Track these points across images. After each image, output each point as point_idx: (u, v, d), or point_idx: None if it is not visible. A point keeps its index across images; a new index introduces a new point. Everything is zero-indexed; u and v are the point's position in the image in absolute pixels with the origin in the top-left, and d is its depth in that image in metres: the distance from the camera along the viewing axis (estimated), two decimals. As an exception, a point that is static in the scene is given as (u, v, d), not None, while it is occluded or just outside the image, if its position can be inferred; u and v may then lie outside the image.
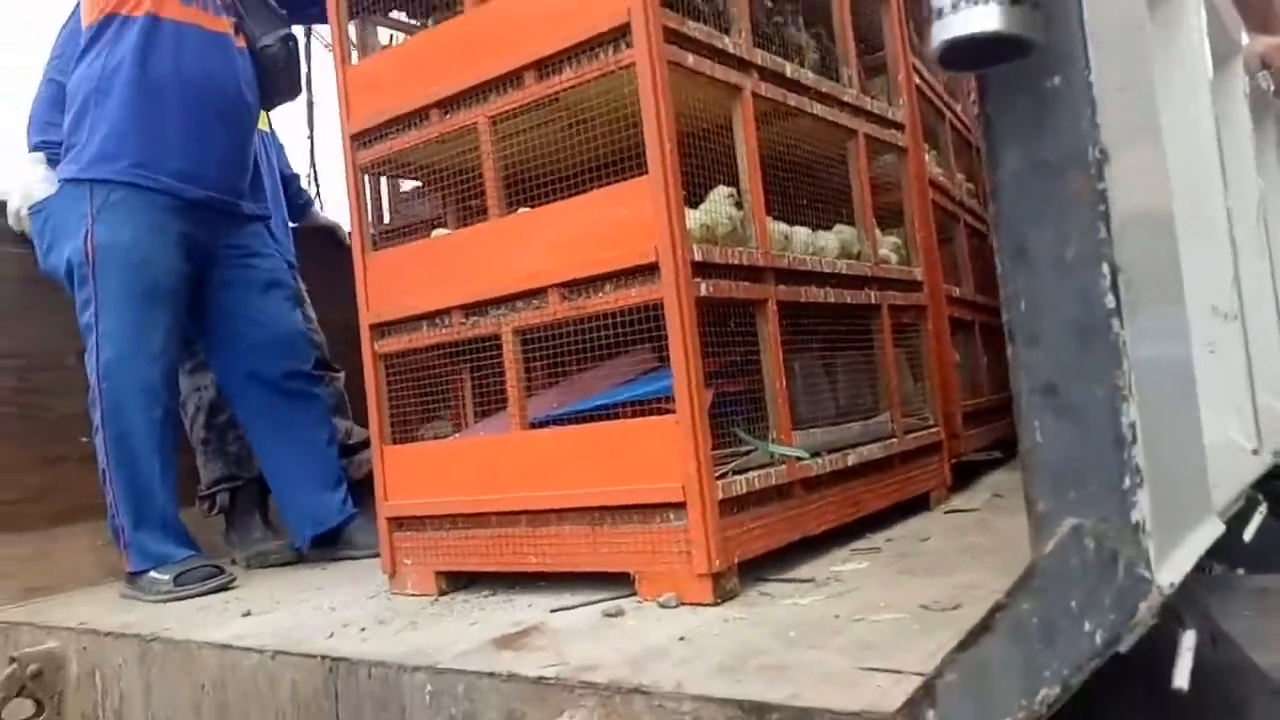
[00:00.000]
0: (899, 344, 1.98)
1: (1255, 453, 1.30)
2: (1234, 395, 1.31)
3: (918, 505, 1.92)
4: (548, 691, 1.09)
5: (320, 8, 2.34)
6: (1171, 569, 0.74)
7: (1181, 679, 0.81)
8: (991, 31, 0.70)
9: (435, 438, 1.94)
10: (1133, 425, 0.73)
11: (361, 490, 2.35)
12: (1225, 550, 1.80)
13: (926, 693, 0.82)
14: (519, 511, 1.56)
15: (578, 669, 1.10)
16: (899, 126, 2.08)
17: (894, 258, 2.03)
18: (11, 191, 2.26)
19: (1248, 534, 1.39)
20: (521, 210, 1.62)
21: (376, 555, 2.14)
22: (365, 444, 2.46)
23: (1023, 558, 1.16)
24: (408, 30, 2.21)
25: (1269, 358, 1.61)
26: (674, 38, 1.44)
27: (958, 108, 2.83)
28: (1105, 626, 0.74)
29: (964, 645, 0.80)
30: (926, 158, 2.31)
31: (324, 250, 2.86)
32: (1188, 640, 0.82)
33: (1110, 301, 0.74)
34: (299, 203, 2.86)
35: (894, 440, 1.84)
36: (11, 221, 2.25)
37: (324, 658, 1.32)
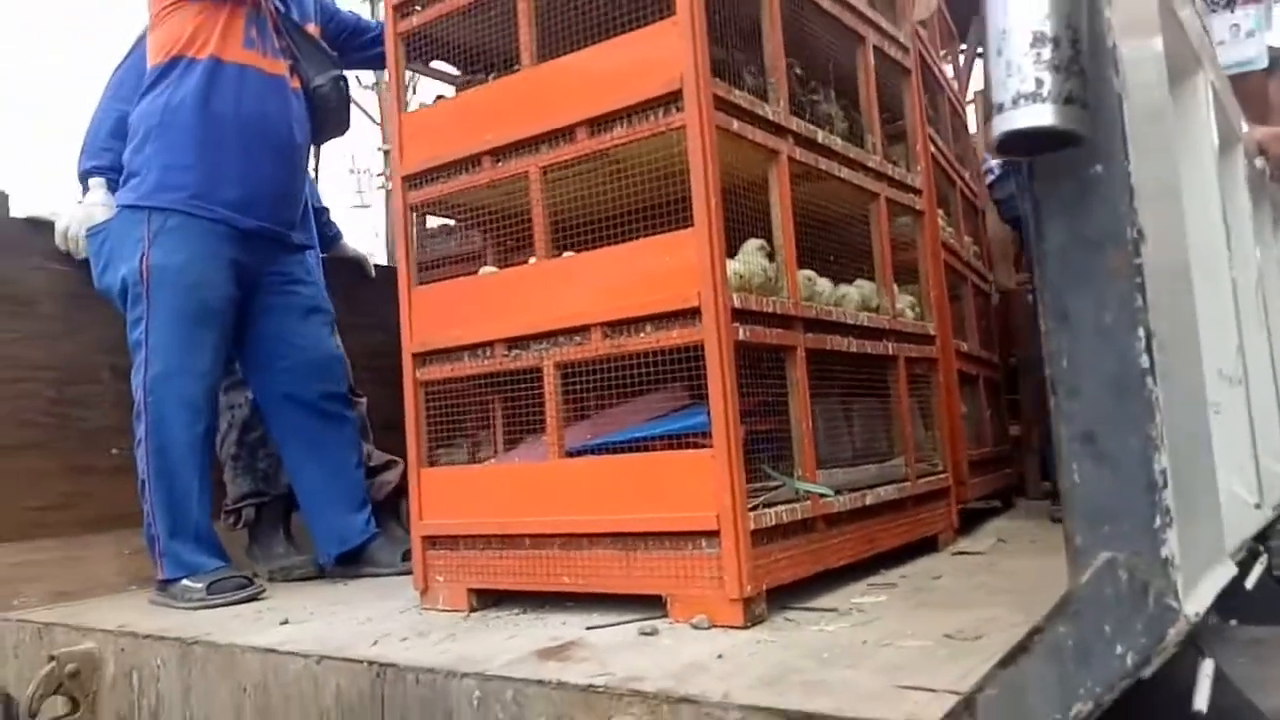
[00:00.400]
0: (911, 394, 2.09)
1: (1258, 506, 1.40)
2: (1237, 453, 1.41)
3: (926, 547, 2.01)
4: (595, 699, 1.16)
5: (365, 56, 2.49)
6: (1195, 600, 0.84)
7: (1201, 703, 0.90)
8: (1046, 126, 0.81)
9: (449, 464, 2.02)
10: (1164, 471, 0.83)
11: (380, 510, 2.42)
12: (1220, 602, 1.91)
13: (966, 706, 0.90)
14: (553, 534, 1.64)
15: (624, 679, 1.17)
16: (917, 191, 2.21)
17: (909, 313, 2.14)
18: (59, 213, 2.35)
19: (1250, 582, 1.49)
20: (567, 254, 1.72)
21: (397, 573, 2.22)
22: (384, 466, 2.54)
23: (1034, 596, 1.25)
24: (448, 80, 2.34)
25: (1268, 420, 1.72)
26: (721, 104, 1.56)
27: (966, 175, 2.98)
28: (1136, 650, 0.82)
29: (1003, 664, 0.88)
30: (940, 221, 2.43)
31: (349, 281, 2.95)
32: (1207, 668, 0.91)
33: (1145, 362, 0.84)
34: (328, 234, 2.95)
35: (907, 483, 1.94)
36: (58, 241, 2.34)
37: (370, 663, 1.39)
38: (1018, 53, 0.83)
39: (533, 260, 1.73)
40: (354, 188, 19.59)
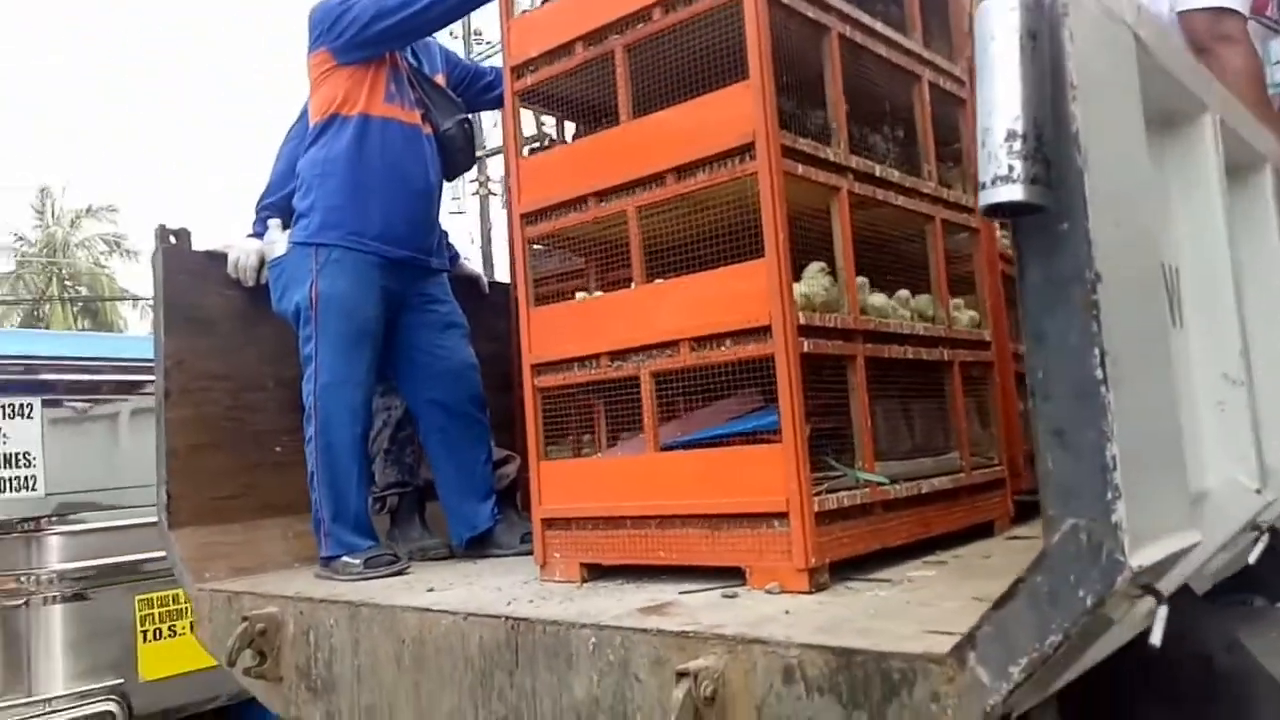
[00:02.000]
0: (970, 394, 2.33)
1: (1258, 492, 1.61)
2: (1240, 445, 1.62)
3: (983, 532, 2.24)
4: (686, 642, 1.47)
5: (484, 99, 2.86)
6: (1141, 556, 1.09)
7: (1156, 639, 1.15)
8: (1016, 200, 1.08)
9: (558, 459, 2.34)
10: (1114, 457, 1.08)
11: (500, 499, 2.79)
12: (1266, 585, 2.11)
13: (968, 640, 1.18)
14: (650, 516, 1.96)
15: (709, 627, 1.48)
16: (971, 210, 2.44)
17: (965, 319, 2.38)
18: (231, 245, 2.79)
19: (1252, 558, 1.70)
20: (658, 281, 2.03)
21: (516, 553, 2.58)
22: (503, 461, 2.90)
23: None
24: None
25: (1274, 414, 1.91)
26: (788, 152, 1.84)
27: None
28: (1093, 593, 1.08)
29: (996, 606, 1.16)
30: (997, 234, 2.65)
31: (466, 296, 3.33)
32: (1161, 612, 1.16)
33: (1099, 374, 1.09)
34: (448, 256, 3.35)
35: (961, 475, 2.18)
36: (230, 270, 2.78)
37: (507, 618, 1.73)
38: (995, 144, 1.10)
39: (631, 286, 2.05)
40: (450, 194, 20.43)
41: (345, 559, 2.39)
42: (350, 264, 2.49)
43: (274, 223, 2.68)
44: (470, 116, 2.79)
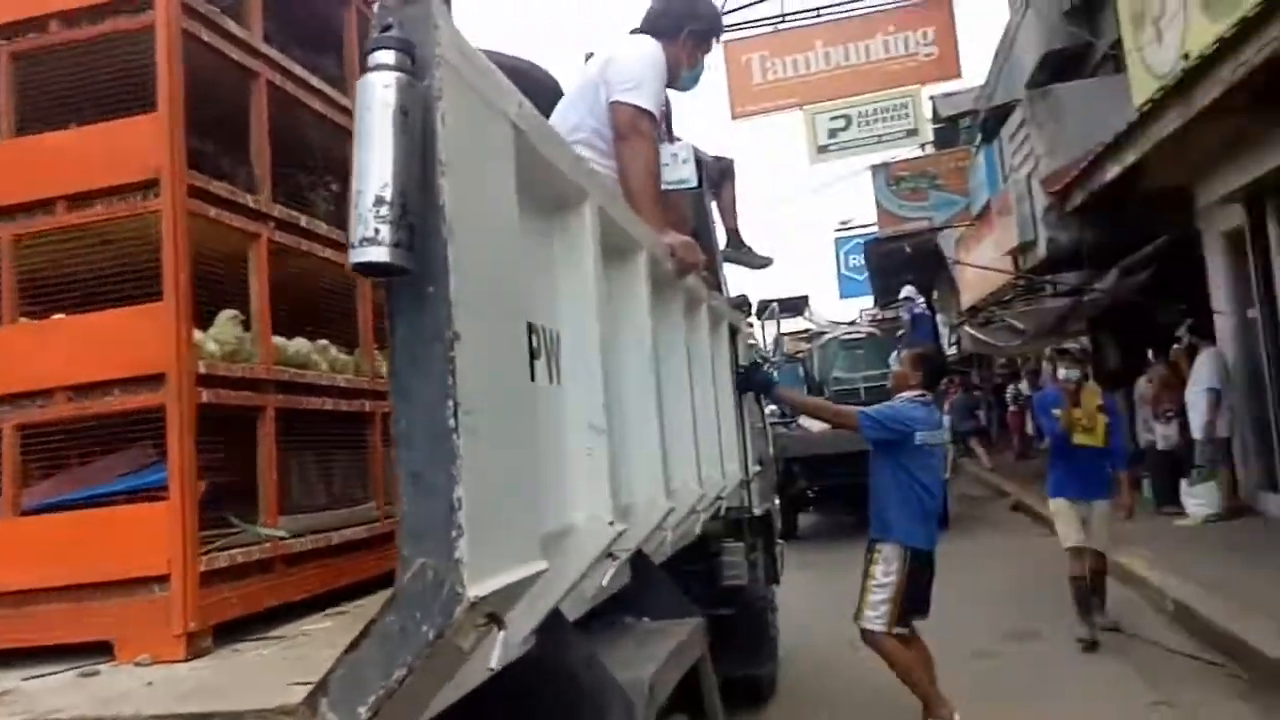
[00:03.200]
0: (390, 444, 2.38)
1: (611, 524, 1.88)
2: (601, 485, 1.88)
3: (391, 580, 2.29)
4: (17, 735, 1.26)
5: None
6: (480, 587, 1.20)
7: (494, 663, 1.28)
8: (383, 262, 1.15)
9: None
10: (459, 498, 1.18)
11: None
12: (637, 605, 2.45)
13: (321, 686, 1.18)
14: (3, 594, 1.66)
15: (47, 713, 1.29)
16: (405, 270, 2.55)
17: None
18: None
19: (604, 581, 1.98)
20: (24, 321, 1.77)
21: None
22: None
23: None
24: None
25: (653, 457, 2.27)
26: (198, 193, 1.75)
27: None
28: (435, 626, 1.16)
29: (350, 649, 1.18)
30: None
31: None
32: (502, 636, 1.29)
33: (452, 423, 1.20)
34: None
35: (377, 524, 2.22)
36: None
37: None
38: (366, 208, 1.16)
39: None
40: None
41: None
42: None
43: None
44: None
